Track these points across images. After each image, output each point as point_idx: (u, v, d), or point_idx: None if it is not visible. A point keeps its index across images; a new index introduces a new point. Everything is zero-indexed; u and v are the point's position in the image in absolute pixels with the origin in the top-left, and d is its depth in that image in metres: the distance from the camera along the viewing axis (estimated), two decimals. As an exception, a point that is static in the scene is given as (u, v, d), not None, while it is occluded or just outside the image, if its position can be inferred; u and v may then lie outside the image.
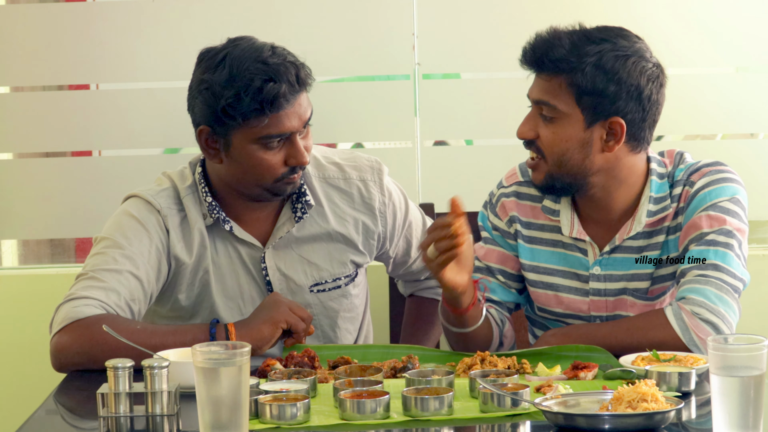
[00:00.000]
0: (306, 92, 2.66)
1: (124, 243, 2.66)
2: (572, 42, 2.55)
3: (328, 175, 2.82)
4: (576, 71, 2.53)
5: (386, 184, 2.85)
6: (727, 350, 1.91)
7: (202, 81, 2.63)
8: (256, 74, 2.58)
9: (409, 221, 2.90)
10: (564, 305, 2.70)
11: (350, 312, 2.87)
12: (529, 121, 2.60)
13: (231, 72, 2.59)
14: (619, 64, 2.54)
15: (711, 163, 2.66)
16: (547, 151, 2.58)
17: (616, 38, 2.57)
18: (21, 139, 3.51)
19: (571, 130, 2.56)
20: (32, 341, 3.45)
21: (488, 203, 2.80)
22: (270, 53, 2.62)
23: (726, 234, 2.57)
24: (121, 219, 2.72)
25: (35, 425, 2.21)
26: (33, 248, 3.79)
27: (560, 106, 2.55)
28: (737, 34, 3.48)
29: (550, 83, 2.56)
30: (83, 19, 3.45)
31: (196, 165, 2.77)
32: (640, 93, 2.55)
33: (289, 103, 2.61)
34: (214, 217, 2.72)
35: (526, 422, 2.09)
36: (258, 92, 2.57)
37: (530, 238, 2.73)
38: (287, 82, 2.60)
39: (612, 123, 2.56)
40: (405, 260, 2.95)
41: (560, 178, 2.59)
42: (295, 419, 2.08)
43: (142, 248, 2.67)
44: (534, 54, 2.57)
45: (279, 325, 2.53)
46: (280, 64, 2.61)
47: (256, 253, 2.77)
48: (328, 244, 2.80)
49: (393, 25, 3.45)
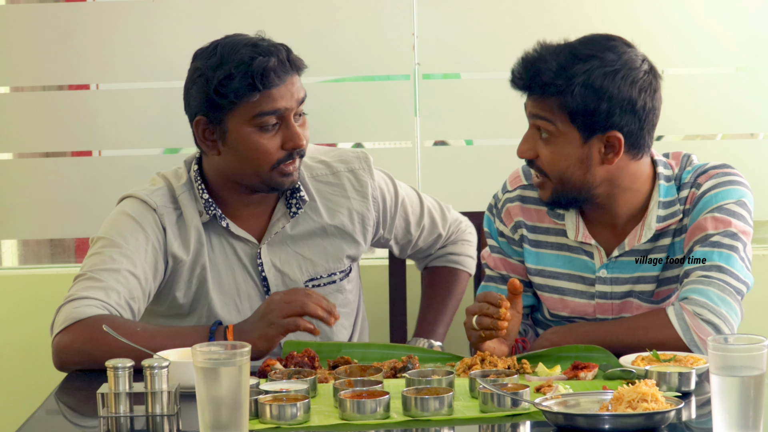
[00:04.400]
0: (298, 75, 2.69)
1: (120, 242, 2.67)
2: (559, 63, 2.52)
3: (316, 174, 2.84)
4: (565, 93, 2.51)
5: (375, 172, 2.88)
6: (727, 350, 1.91)
7: (195, 70, 2.69)
8: (245, 54, 2.63)
9: (400, 200, 2.93)
10: (569, 308, 2.70)
11: (345, 307, 2.88)
12: (528, 140, 2.59)
13: (222, 56, 2.64)
14: (608, 81, 2.51)
15: (718, 166, 2.65)
16: (548, 170, 2.58)
17: (603, 52, 2.53)
18: (21, 139, 3.51)
19: (569, 148, 2.55)
20: (32, 341, 3.45)
21: (493, 207, 2.80)
22: (260, 39, 2.69)
23: (731, 236, 2.57)
24: (117, 218, 2.72)
25: (35, 425, 2.21)
26: (33, 248, 3.79)
27: (556, 123, 2.54)
28: (737, 34, 3.48)
29: (543, 103, 2.55)
30: (83, 19, 3.45)
31: (191, 163, 2.79)
32: (634, 105, 2.53)
33: (281, 79, 2.64)
34: (211, 213, 2.73)
35: (526, 422, 2.09)
36: (248, 68, 2.61)
37: (536, 242, 2.73)
38: (277, 57, 2.64)
39: (609, 137, 2.55)
40: (408, 239, 2.97)
41: (565, 194, 2.59)
42: (295, 419, 2.08)
43: (138, 246, 2.68)
44: (522, 79, 2.56)
45: (274, 340, 2.52)
46: (270, 45, 2.67)
47: (251, 249, 2.77)
48: (323, 240, 2.82)
49: (393, 25, 3.45)
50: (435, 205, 3.02)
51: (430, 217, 3.00)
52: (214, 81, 2.63)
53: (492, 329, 2.44)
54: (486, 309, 2.45)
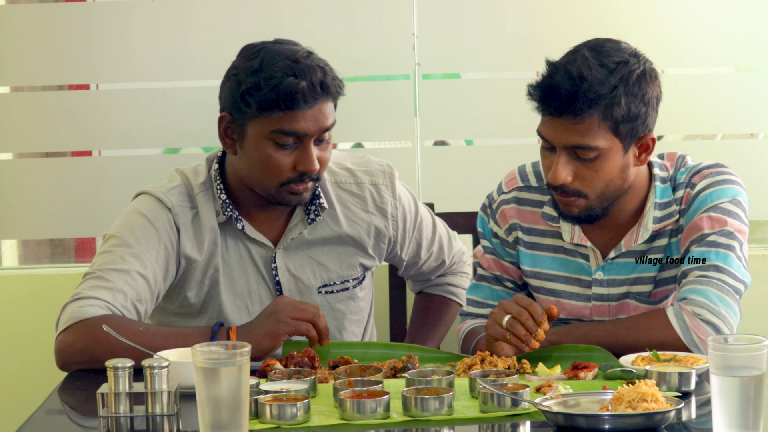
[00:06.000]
0: (331, 101, 2.65)
1: (132, 242, 2.65)
2: (595, 77, 2.46)
3: (339, 180, 2.82)
4: (612, 105, 2.46)
5: (398, 188, 2.86)
6: (727, 350, 1.91)
7: (233, 67, 2.66)
8: (281, 68, 2.59)
9: (419, 224, 2.92)
10: (566, 311, 2.69)
11: (356, 314, 2.88)
12: (566, 166, 2.50)
13: (261, 63, 2.61)
14: (643, 84, 2.50)
15: (712, 165, 2.65)
16: (589, 190, 2.53)
17: (621, 54, 2.51)
18: (21, 139, 3.51)
19: (612, 162, 2.52)
20: (32, 341, 3.45)
21: (487, 207, 2.78)
22: (304, 55, 2.63)
23: (727, 235, 2.57)
24: (131, 217, 2.70)
25: (35, 425, 2.21)
26: (33, 248, 3.79)
27: (600, 143, 2.48)
28: (737, 34, 3.48)
29: (582, 124, 2.47)
30: (83, 19, 3.45)
31: (213, 161, 2.77)
32: (659, 100, 2.55)
33: (308, 104, 2.60)
34: (227, 215, 2.72)
35: (526, 422, 2.09)
36: (277, 85, 2.58)
37: (531, 244, 2.72)
38: (309, 82, 2.59)
39: (644, 138, 2.54)
40: (415, 261, 2.97)
41: (600, 207, 2.56)
42: (295, 419, 2.08)
43: (150, 248, 2.66)
44: (563, 100, 2.46)
45: (280, 338, 2.51)
46: (309, 66, 2.61)
47: (266, 252, 2.76)
48: (338, 247, 2.81)
49: (393, 25, 3.45)
50: (444, 233, 3.01)
51: (439, 243, 2.99)
52: (244, 86, 2.60)
53: (522, 341, 2.41)
54: (525, 319, 2.42)
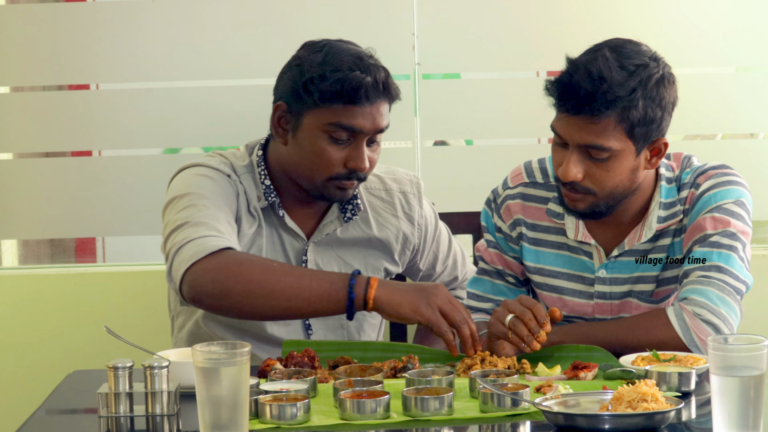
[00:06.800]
0: (388, 104, 2.67)
1: (208, 195, 2.63)
2: (614, 79, 2.45)
3: (369, 186, 2.86)
4: (630, 108, 2.46)
5: (423, 199, 2.90)
6: (727, 350, 1.91)
7: (296, 58, 2.69)
8: (347, 63, 2.62)
9: (438, 236, 2.95)
10: (568, 308, 2.70)
11: (375, 318, 2.91)
12: (577, 163, 2.50)
13: (326, 56, 2.64)
14: (661, 88, 2.50)
15: (717, 166, 2.65)
16: (597, 188, 2.53)
17: (641, 57, 2.50)
18: (21, 139, 3.51)
19: (624, 163, 2.52)
20: (32, 341, 3.45)
21: (492, 202, 2.79)
22: (368, 55, 2.68)
23: (730, 236, 2.57)
24: (193, 180, 2.67)
25: (35, 425, 2.21)
26: (33, 248, 3.79)
27: (613, 145, 2.48)
28: (737, 34, 3.48)
29: (598, 125, 2.47)
30: (83, 19, 3.45)
31: (255, 148, 2.77)
32: (674, 105, 2.55)
33: (369, 101, 2.63)
34: (270, 201, 2.72)
35: (526, 422, 2.09)
36: (343, 77, 2.60)
37: (535, 240, 2.72)
38: (374, 79, 2.62)
39: (657, 142, 2.54)
40: (430, 274, 2.99)
41: (606, 203, 2.56)
42: (295, 419, 2.08)
43: (221, 203, 2.64)
44: (581, 99, 2.45)
45: (416, 318, 2.42)
46: (373, 65, 2.65)
47: (299, 245, 2.77)
48: (366, 250, 2.83)
49: (393, 25, 3.45)
50: (459, 250, 3.03)
51: (453, 258, 3.01)
52: (307, 75, 2.63)
53: (524, 341, 2.41)
54: (528, 319, 2.42)
